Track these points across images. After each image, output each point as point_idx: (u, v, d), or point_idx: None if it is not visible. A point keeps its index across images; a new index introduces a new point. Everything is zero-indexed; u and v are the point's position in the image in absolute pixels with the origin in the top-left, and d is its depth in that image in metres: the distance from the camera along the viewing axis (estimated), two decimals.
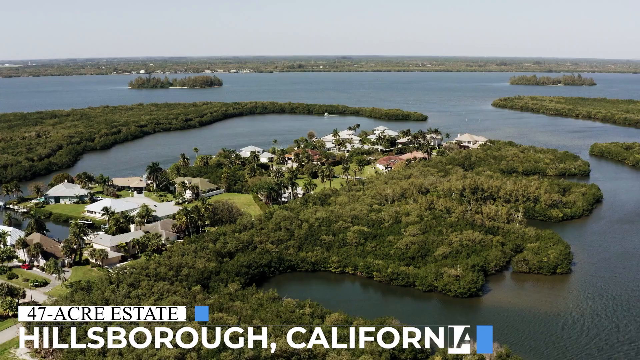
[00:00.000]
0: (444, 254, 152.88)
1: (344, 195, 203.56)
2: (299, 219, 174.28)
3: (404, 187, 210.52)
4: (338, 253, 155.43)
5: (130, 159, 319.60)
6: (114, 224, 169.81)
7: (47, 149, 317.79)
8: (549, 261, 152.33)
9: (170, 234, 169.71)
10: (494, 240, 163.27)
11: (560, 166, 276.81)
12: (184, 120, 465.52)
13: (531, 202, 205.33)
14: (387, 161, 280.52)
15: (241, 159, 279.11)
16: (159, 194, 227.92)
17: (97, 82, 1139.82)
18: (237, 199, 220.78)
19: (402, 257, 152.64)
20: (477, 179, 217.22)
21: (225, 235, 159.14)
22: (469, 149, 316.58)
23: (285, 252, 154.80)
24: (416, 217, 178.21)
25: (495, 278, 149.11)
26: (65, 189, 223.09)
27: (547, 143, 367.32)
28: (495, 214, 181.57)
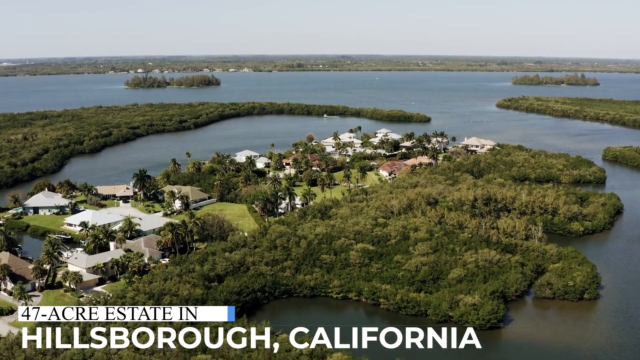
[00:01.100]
0: (458, 278, 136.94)
1: (345, 207, 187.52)
2: (296, 235, 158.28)
3: (411, 198, 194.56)
4: (340, 276, 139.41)
5: (120, 163, 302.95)
6: (92, 240, 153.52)
7: (31, 153, 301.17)
8: (576, 285, 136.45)
9: (154, 252, 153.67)
10: (513, 260, 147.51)
11: (575, 173, 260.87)
12: (179, 121, 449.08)
13: (549, 215, 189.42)
14: (391, 167, 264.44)
15: (236, 164, 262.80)
16: (146, 204, 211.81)
17: (94, 81, 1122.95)
18: (230, 210, 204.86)
19: (412, 280, 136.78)
20: (489, 189, 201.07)
21: (214, 256, 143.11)
22: (477, 154, 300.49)
23: (281, 274, 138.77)
24: (425, 232, 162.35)
25: (516, 305, 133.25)
26: (45, 198, 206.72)
27: (556, 147, 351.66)
28: (513, 230, 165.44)
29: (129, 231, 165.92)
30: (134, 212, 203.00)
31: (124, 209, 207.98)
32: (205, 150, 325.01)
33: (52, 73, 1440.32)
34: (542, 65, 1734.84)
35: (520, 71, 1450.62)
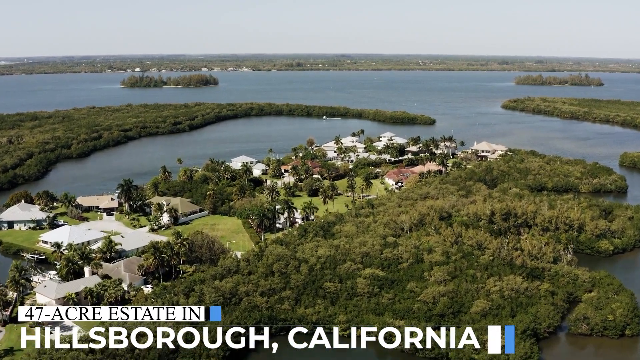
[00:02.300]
0: (482, 311, 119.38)
1: (350, 223, 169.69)
2: (296, 258, 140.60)
3: (422, 212, 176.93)
4: (346, 308, 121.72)
5: (107, 170, 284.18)
6: (65, 265, 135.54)
7: (14, 159, 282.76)
8: (616, 320, 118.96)
9: (135, 278, 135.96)
10: (542, 289, 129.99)
11: (594, 181, 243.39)
12: (173, 123, 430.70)
13: (574, 232, 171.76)
14: (397, 175, 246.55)
15: (231, 172, 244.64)
16: (131, 217, 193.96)
17: (91, 80, 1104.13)
18: (224, 224, 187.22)
19: (429, 314, 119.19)
20: (508, 202, 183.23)
21: (202, 284, 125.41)
22: (489, 160, 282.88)
23: (279, 307, 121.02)
24: (441, 255, 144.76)
25: (548, 344, 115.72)
26: (21, 211, 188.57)
27: (569, 151, 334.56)
28: (539, 252, 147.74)
29: (108, 252, 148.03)
30: (117, 226, 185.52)
31: (107, 222, 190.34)
32: (199, 155, 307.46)
33: (49, 72, 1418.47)
34: (544, 65, 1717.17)
35: (522, 71, 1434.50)
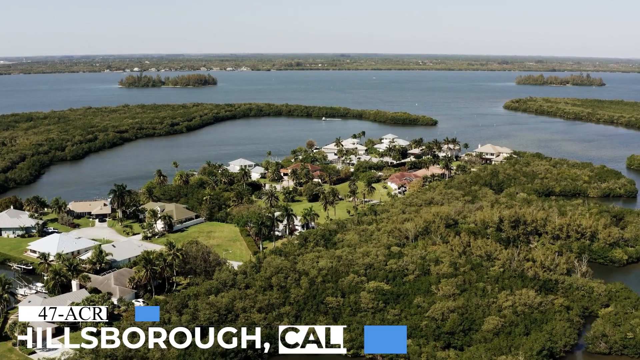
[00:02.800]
0: (494, 329, 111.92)
1: (353, 232, 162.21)
2: (296, 270, 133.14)
3: (427, 220, 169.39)
4: (350, 325, 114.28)
5: (101, 173, 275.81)
6: (52, 277, 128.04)
7: (6, 162, 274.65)
8: (636, 338, 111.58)
9: (125, 292, 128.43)
10: (557, 304, 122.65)
11: (603, 186, 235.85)
12: (170, 124, 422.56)
13: (586, 240, 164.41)
14: (400, 179, 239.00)
15: (229, 175, 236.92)
16: (125, 224, 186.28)
17: (89, 80, 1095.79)
18: (220, 232, 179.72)
19: (438, 332, 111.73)
20: (516, 209, 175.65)
21: (196, 300, 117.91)
22: (494, 164, 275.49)
23: (278, 323, 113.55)
24: (449, 266, 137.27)
25: None
26: (10, 218, 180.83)
27: (574, 154, 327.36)
28: (552, 262, 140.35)
29: (97, 263, 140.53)
30: (109, 233, 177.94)
31: (99, 229, 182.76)
32: (196, 158, 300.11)
33: (47, 71, 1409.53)
34: (544, 65, 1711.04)
35: (522, 70, 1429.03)
